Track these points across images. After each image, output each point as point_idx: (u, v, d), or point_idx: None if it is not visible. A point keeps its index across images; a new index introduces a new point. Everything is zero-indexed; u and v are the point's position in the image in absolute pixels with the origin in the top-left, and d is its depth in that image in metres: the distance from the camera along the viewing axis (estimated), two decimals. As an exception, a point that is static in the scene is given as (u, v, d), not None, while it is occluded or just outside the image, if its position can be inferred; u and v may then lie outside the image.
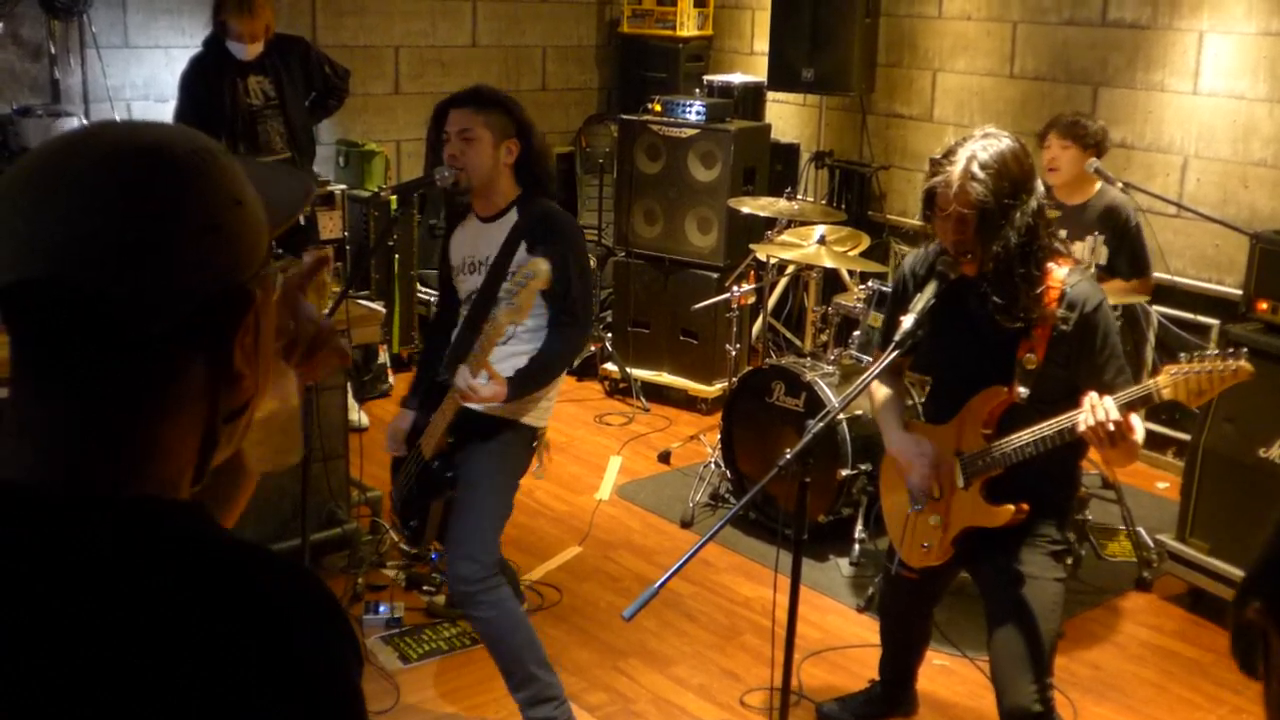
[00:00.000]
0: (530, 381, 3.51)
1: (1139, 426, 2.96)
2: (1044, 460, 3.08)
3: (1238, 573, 4.30)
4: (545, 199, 3.63)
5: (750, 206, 5.72)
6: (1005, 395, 3.11)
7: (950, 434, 3.23)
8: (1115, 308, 4.63)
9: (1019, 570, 3.16)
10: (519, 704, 3.59)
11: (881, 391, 3.41)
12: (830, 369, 4.92)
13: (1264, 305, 4.35)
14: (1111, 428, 2.85)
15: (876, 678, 3.91)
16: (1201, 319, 5.75)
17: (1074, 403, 2.98)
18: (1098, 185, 4.88)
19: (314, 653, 0.98)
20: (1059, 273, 3.07)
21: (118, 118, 6.13)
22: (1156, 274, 5.13)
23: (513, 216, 3.59)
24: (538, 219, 3.55)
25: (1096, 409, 2.86)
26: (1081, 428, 2.89)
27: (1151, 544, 4.81)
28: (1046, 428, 3.02)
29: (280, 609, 0.98)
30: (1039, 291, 3.02)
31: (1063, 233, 4.90)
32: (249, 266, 1.03)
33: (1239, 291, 4.84)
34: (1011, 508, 3.13)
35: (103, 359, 0.97)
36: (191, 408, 1.02)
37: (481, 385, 3.37)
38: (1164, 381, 2.88)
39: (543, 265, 3.23)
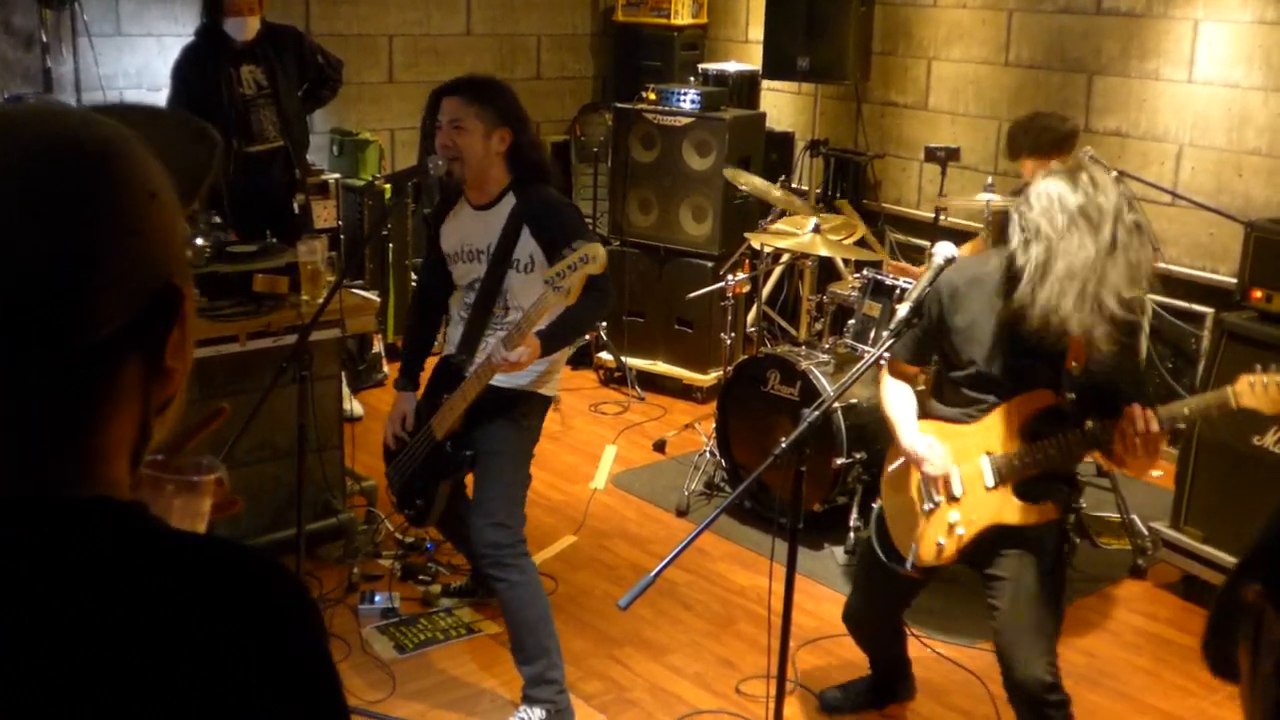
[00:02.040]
0: (560, 336, 3.55)
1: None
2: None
3: (1232, 560, 4.30)
4: (541, 185, 3.66)
5: (748, 185, 5.65)
6: (1050, 400, 3.13)
7: (980, 434, 3.22)
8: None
9: (1025, 553, 3.20)
10: (524, 679, 3.63)
11: (896, 389, 3.38)
12: (825, 358, 4.92)
13: (1258, 293, 4.35)
14: (1152, 439, 2.94)
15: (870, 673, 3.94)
16: (1196, 307, 5.75)
17: (1099, 405, 3.07)
18: None
19: (311, 651, 0.98)
20: None
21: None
22: (1151, 262, 5.15)
23: (509, 202, 3.61)
24: (538, 204, 3.60)
25: (1139, 420, 2.93)
26: (1126, 434, 2.94)
27: (1146, 532, 4.82)
28: (1085, 433, 3.07)
29: (277, 608, 0.98)
30: None
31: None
32: (173, 260, 1.01)
33: (1233, 280, 4.85)
34: (1051, 505, 3.18)
35: (44, 369, 0.95)
36: (129, 407, 1.01)
37: (520, 352, 3.40)
38: (1241, 389, 2.93)
39: (599, 250, 3.26)
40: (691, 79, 6.90)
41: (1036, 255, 2.89)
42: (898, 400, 3.37)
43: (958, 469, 3.24)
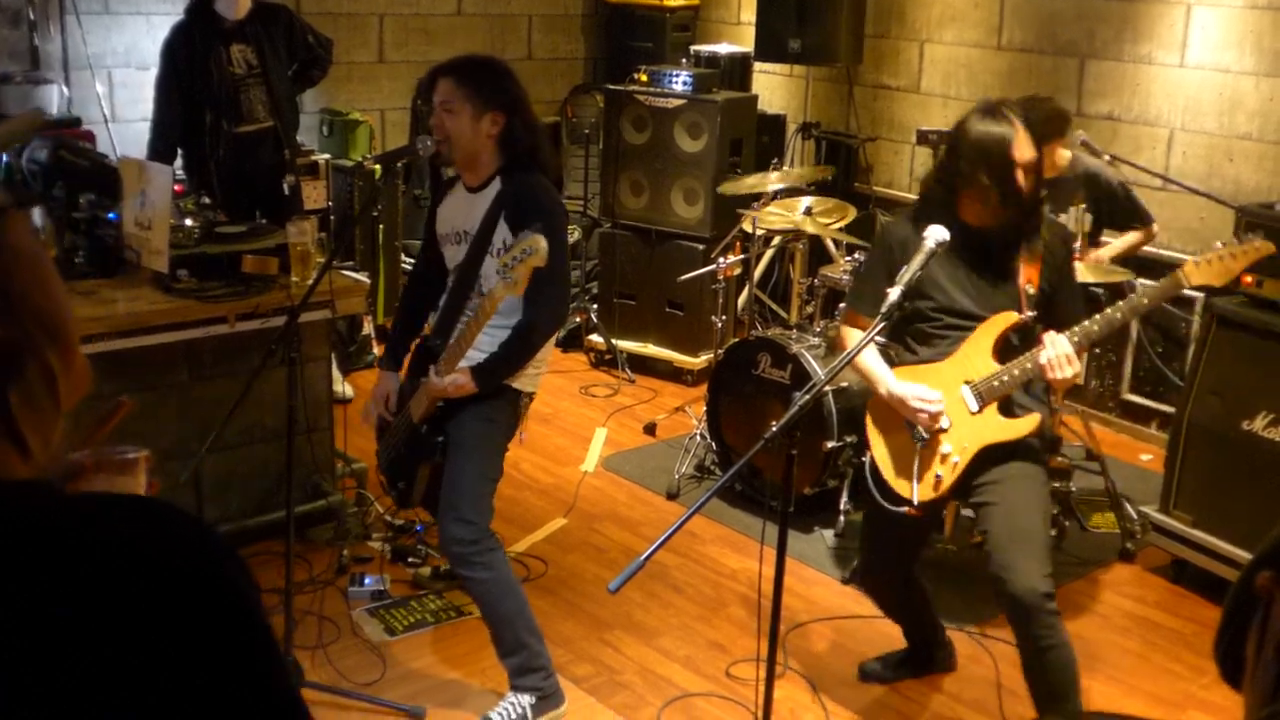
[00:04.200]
0: (500, 367, 3.52)
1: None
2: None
3: (1221, 544, 4.32)
4: (532, 172, 3.60)
5: (738, 189, 5.65)
6: (1015, 319, 3.34)
7: (955, 366, 3.39)
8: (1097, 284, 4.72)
9: (1012, 471, 3.34)
10: (507, 671, 3.61)
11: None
12: (816, 341, 4.92)
13: (1248, 279, 4.35)
14: (1068, 359, 3.22)
15: (866, 651, 4.00)
16: (1186, 292, 5.74)
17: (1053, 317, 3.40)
18: (1070, 155, 4.88)
19: (248, 576, 1.04)
20: None
21: (99, 86, 6.08)
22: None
23: (495, 187, 3.58)
24: (519, 192, 3.54)
25: (1057, 343, 3.23)
26: (1043, 359, 3.23)
27: (1135, 516, 4.83)
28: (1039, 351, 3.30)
29: (213, 540, 1.03)
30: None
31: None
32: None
33: (1224, 264, 4.85)
34: (1036, 415, 3.36)
35: None
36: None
37: (449, 382, 3.45)
38: (1189, 270, 3.20)
39: (541, 242, 3.22)
40: (683, 61, 6.87)
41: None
42: (867, 351, 3.46)
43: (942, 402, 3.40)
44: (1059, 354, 3.22)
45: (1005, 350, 3.36)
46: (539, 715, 3.60)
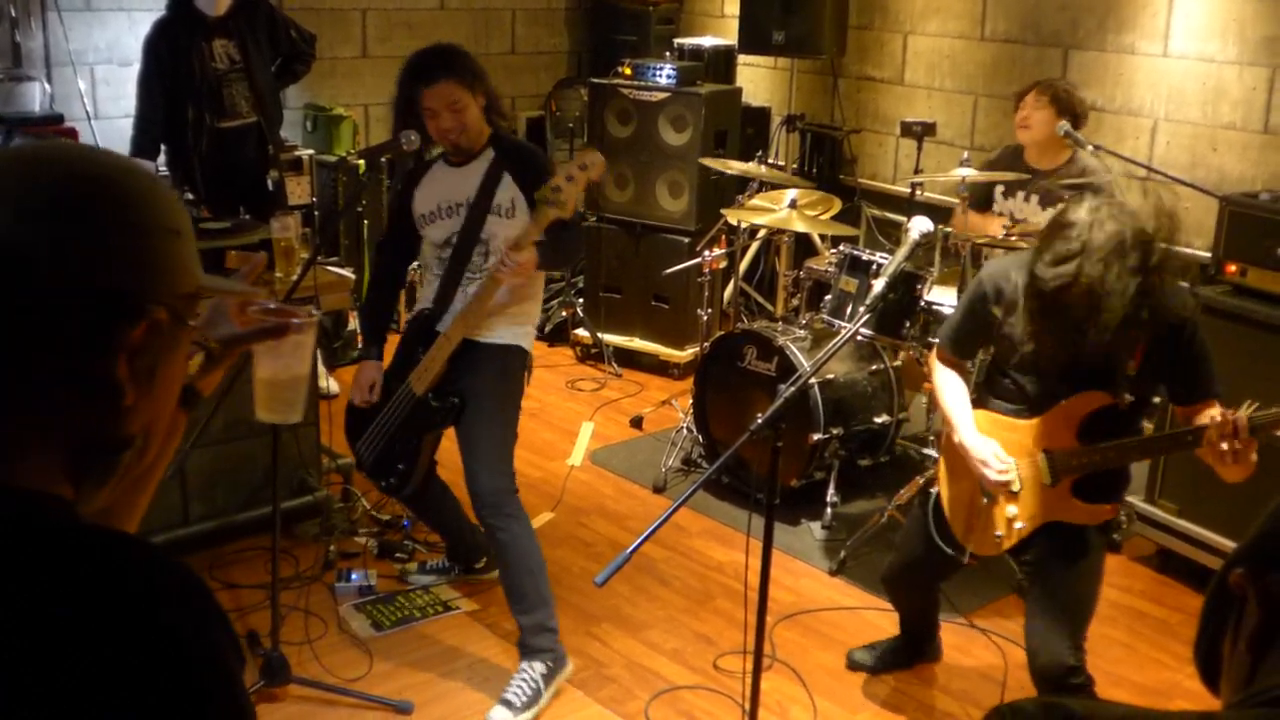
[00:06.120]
0: (554, 255, 3.64)
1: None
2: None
3: (1206, 534, 4.33)
4: (510, 134, 3.89)
5: (726, 169, 5.68)
6: (1107, 400, 3.11)
7: (1038, 430, 3.20)
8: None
9: (1068, 542, 3.22)
10: (524, 630, 3.70)
11: (950, 382, 3.38)
12: (802, 333, 4.92)
13: (1233, 268, 4.37)
14: (1240, 446, 2.82)
15: (853, 641, 4.00)
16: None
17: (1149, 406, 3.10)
18: (1071, 152, 4.90)
19: (181, 624, 0.97)
20: None
21: (81, 82, 6.05)
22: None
23: (489, 154, 3.76)
24: (517, 152, 3.78)
25: (1227, 425, 2.82)
26: (1217, 445, 2.84)
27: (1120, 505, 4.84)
28: (1161, 438, 3.11)
29: (147, 585, 0.98)
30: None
31: (1034, 197, 4.95)
32: (156, 289, 1.04)
33: (1208, 254, 4.86)
34: (1110, 506, 3.21)
35: None
36: (47, 410, 1.01)
37: (521, 257, 3.49)
38: None
39: (598, 155, 3.44)
40: (667, 54, 6.87)
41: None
42: (953, 392, 3.36)
43: (1016, 466, 3.23)
44: (1232, 438, 2.80)
45: (1091, 429, 3.13)
46: (549, 684, 3.67)
